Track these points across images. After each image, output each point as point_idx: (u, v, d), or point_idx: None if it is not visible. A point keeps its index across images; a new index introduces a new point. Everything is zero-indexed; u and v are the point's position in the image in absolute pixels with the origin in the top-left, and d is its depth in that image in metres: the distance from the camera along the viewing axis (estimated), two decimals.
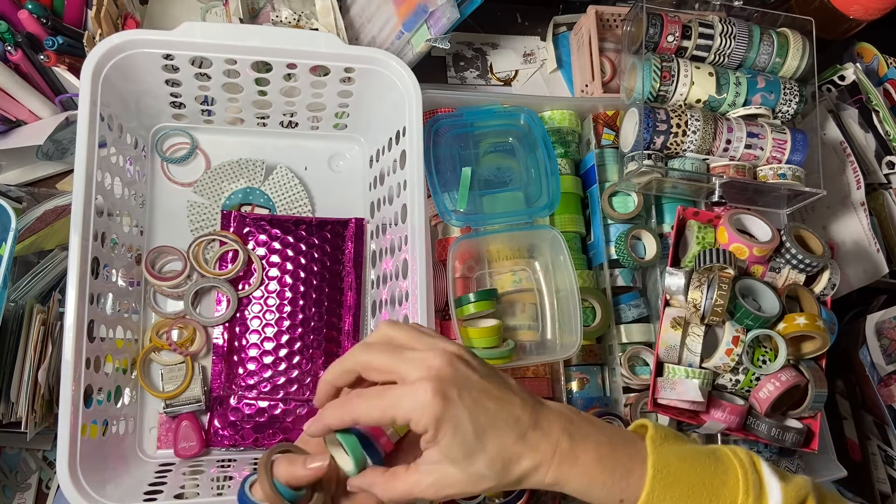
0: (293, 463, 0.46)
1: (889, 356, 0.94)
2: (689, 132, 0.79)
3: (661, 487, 0.46)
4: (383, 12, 0.83)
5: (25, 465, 0.76)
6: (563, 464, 0.45)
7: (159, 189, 0.83)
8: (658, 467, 0.46)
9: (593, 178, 0.86)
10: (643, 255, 0.84)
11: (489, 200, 0.82)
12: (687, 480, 0.46)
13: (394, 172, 0.78)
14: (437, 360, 0.45)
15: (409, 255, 0.71)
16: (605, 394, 0.83)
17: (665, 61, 0.82)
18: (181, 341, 0.77)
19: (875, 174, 0.96)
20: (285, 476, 0.46)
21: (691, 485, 0.46)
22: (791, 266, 0.77)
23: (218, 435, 0.76)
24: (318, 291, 0.81)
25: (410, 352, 0.46)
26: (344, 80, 0.76)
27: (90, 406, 0.64)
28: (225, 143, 0.85)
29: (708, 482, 0.47)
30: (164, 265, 0.80)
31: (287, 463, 0.46)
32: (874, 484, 0.98)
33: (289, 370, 0.79)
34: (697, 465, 0.47)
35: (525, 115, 0.85)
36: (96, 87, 0.67)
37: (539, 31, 1.03)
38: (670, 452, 0.47)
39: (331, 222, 0.84)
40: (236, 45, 0.70)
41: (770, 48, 0.84)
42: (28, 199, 0.78)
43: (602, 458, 0.46)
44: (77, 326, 0.62)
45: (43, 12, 0.73)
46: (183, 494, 0.64)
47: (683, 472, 0.47)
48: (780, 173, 0.80)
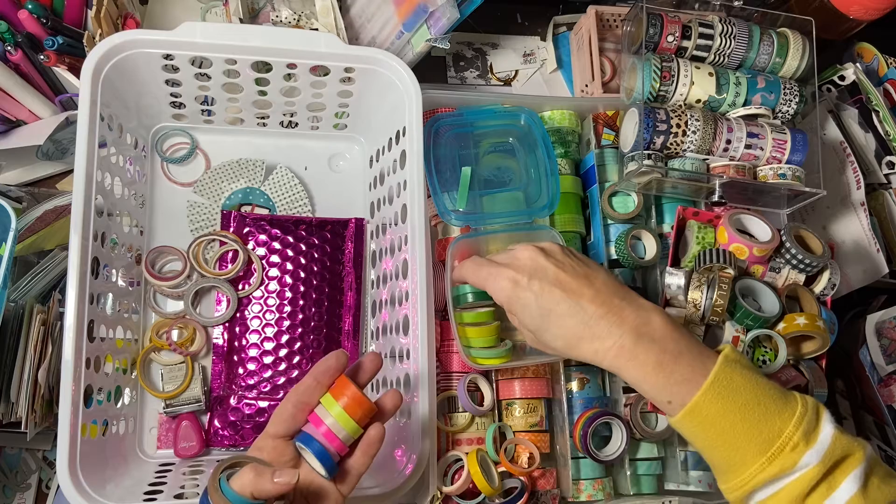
0: (261, 475, 0.45)
1: (889, 356, 0.94)
2: (689, 132, 0.79)
3: (713, 394, 0.50)
4: (383, 12, 0.83)
5: (25, 465, 0.76)
6: (621, 357, 0.53)
7: (159, 189, 0.83)
8: (719, 377, 0.51)
9: (593, 178, 0.86)
10: (643, 255, 0.84)
11: (489, 200, 0.82)
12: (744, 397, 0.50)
13: (394, 172, 0.78)
14: (522, 253, 0.58)
15: (409, 255, 0.71)
16: (606, 394, 0.83)
17: (665, 61, 0.82)
18: (181, 341, 0.77)
19: (875, 174, 0.96)
20: (251, 487, 0.45)
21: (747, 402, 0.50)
22: (791, 266, 0.77)
23: (218, 435, 0.76)
24: (318, 291, 0.81)
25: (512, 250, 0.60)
26: (344, 80, 0.76)
27: (90, 406, 0.64)
28: (225, 143, 0.85)
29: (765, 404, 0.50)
30: (164, 265, 0.80)
31: (255, 474, 0.45)
32: None
33: (289, 370, 0.79)
34: (762, 389, 0.51)
35: (525, 115, 0.85)
36: (96, 87, 0.67)
37: (539, 31, 1.03)
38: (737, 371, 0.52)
39: (331, 222, 0.84)
40: (236, 45, 0.70)
41: (770, 48, 0.84)
42: (28, 199, 0.78)
43: (662, 363, 0.52)
44: (77, 326, 0.62)
45: (43, 12, 0.73)
46: (183, 494, 0.64)
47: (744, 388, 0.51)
48: (780, 173, 0.80)
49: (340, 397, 0.51)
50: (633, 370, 0.53)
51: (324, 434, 0.51)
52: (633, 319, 0.54)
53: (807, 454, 0.49)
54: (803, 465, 0.49)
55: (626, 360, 0.53)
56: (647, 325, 0.54)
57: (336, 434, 0.51)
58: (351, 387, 0.51)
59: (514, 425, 0.79)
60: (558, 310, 0.55)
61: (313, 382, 0.52)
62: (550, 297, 0.55)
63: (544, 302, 0.55)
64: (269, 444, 0.52)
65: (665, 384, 0.52)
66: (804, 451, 0.49)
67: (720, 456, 0.52)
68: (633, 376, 0.53)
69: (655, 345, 0.53)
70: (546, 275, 0.56)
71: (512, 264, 0.58)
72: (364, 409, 0.51)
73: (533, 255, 0.57)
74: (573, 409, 0.80)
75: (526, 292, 0.56)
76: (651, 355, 0.52)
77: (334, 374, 0.52)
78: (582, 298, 0.55)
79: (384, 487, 0.64)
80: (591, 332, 0.54)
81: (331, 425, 0.51)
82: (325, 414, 0.51)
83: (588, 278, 0.56)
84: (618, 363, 0.53)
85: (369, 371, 0.54)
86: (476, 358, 0.75)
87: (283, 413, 0.52)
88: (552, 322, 0.55)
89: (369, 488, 0.64)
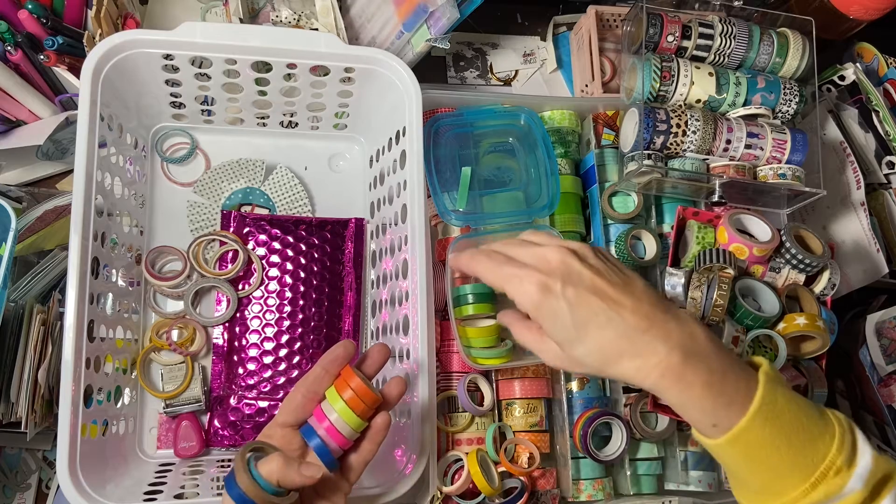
0: (289, 465, 0.48)
1: (889, 356, 0.94)
2: (689, 132, 0.79)
3: (761, 418, 0.47)
4: (383, 12, 0.83)
5: (25, 465, 0.76)
6: (667, 377, 0.47)
7: (159, 189, 0.83)
8: (766, 400, 0.47)
9: (593, 178, 0.86)
10: (643, 255, 0.84)
11: (489, 200, 0.82)
12: (788, 420, 0.48)
13: (394, 172, 0.78)
14: (552, 254, 0.50)
15: (409, 255, 0.71)
16: (605, 394, 0.83)
17: (665, 61, 0.82)
18: (181, 341, 0.77)
19: (875, 174, 0.96)
20: (277, 475, 0.47)
21: (791, 425, 0.47)
22: (791, 266, 0.77)
23: (218, 435, 0.76)
24: (318, 291, 0.81)
25: (539, 247, 0.51)
26: (344, 80, 0.76)
27: (90, 406, 0.64)
28: (225, 143, 0.85)
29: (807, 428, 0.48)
30: (164, 265, 0.80)
31: (283, 463, 0.48)
32: None
33: (289, 370, 0.79)
34: (802, 410, 0.49)
35: (525, 115, 0.85)
36: (96, 87, 0.67)
37: (539, 31, 1.03)
38: (780, 391, 0.49)
39: (331, 222, 0.84)
40: (236, 45, 0.70)
41: (770, 48, 0.84)
42: (28, 199, 0.78)
43: (711, 384, 0.47)
44: (77, 326, 0.62)
45: (43, 12, 0.73)
46: (183, 494, 0.64)
47: (787, 411, 0.48)
48: (780, 173, 0.80)
49: (345, 390, 0.51)
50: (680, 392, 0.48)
51: (326, 429, 0.51)
52: (679, 334, 0.48)
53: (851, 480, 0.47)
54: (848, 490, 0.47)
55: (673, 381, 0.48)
56: (692, 341, 0.49)
57: (339, 430, 0.51)
58: (356, 379, 0.52)
59: (514, 425, 0.79)
60: (597, 321, 0.48)
61: (322, 372, 0.53)
62: (588, 306, 0.49)
63: (580, 312, 0.49)
64: (277, 433, 0.53)
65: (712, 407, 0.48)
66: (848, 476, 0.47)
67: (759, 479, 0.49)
68: (678, 398, 0.48)
69: (703, 363, 0.48)
70: (581, 281, 0.49)
71: (540, 266, 0.50)
72: (369, 401, 0.52)
73: (565, 257, 0.50)
74: (573, 408, 0.80)
75: (559, 300, 0.49)
76: (700, 375, 0.47)
77: (342, 363, 0.53)
78: (623, 309, 0.49)
79: (384, 487, 0.64)
80: (634, 348, 0.48)
81: (334, 421, 0.51)
82: (329, 409, 0.52)
83: (627, 286, 0.50)
84: (663, 384, 0.48)
85: (377, 362, 0.55)
86: (476, 358, 0.75)
87: (292, 402, 0.53)
88: (589, 334, 0.49)
89: (369, 488, 0.64)
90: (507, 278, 0.50)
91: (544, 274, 0.49)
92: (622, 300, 0.49)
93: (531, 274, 0.49)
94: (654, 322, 0.48)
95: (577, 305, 0.48)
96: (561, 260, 0.50)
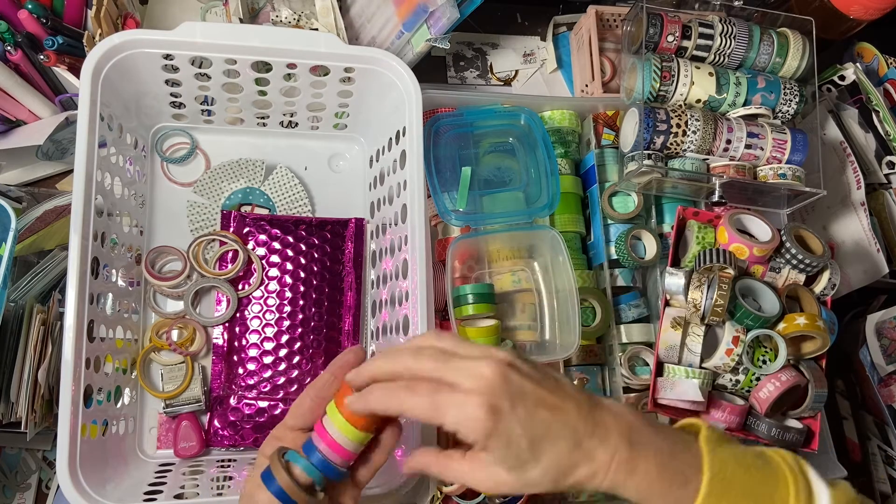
0: None
1: (889, 356, 0.94)
2: (689, 132, 0.79)
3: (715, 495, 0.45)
4: (383, 12, 0.83)
5: (25, 465, 0.76)
6: (621, 472, 0.45)
7: (159, 189, 0.83)
8: (714, 471, 0.45)
9: (593, 178, 0.86)
10: (643, 255, 0.84)
11: (489, 200, 0.82)
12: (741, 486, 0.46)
13: (394, 172, 0.78)
14: (488, 370, 0.44)
15: (409, 255, 0.71)
16: (606, 394, 0.83)
17: (665, 61, 0.82)
18: (181, 341, 0.77)
19: (875, 174, 0.96)
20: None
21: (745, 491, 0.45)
22: (791, 266, 0.77)
23: (218, 435, 0.76)
24: (318, 291, 0.81)
25: (461, 360, 0.45)
26: (344, 80, 0.76)
27: (90, 406, 0.64)
28: (225, 143, 0.85)
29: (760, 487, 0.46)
30: (164, 265, 0.80)
31: None
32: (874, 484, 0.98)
33: (289, 370, 0.79)
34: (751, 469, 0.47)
35: (525, 115, 0.85)
36: (96, 87, 0.67)
37: (539, 31, 1.03)
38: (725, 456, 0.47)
39: (331, 222, 0.84)
40: (236, 45, 0.70)
41: (770, 48, 0.84)
42: (28, 199, 0.78)
43: (663, 466, 0.45)
44: (77, 326, 0.62)
45: (43, 12, 0.73)
46: (183, 494, 0.64)
47: (738, 477, 0.46)
48: (780, 173, 0.80)
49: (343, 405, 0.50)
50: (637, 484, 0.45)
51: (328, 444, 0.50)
52: (618, 426, 0.45)
53: None
54: None
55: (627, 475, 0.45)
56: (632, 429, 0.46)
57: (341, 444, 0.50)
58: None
59: None
60: (549, 436, 0.44)
61: (331, 377, 0.52)
62: (539, 422, 0.44)
63: (533, 430, 0.44)
64: (288, 435, 0.53)
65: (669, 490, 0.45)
66: None
67: None
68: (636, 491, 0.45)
69: (649, 448, 0.45)
70: (525, 395, 0.44)
71: (478, 386, 0.43)
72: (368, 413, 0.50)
73: (502, 371, 0.44)
74: None
75: (511, 422, 0.43)
76: (651, 461, 0.45)
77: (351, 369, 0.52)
78: (568, 416, 0.45)
79: (384, 487, 0.64)
80: (586, 455, 0.44)
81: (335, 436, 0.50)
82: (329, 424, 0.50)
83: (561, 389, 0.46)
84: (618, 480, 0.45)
85: None
86: None
87: (301, 406, 0.53)
88: (544, 453, 0.44)
89: (369, 488, 0.64)
90: (443, 407, 0.43)
91: (487, 394, 0.43)
92: (565, 406, 0.45)
93: (472, 397, 0.43)
94: (597, 421, 0.45)
95: (528, 424, 0.44)
96: (499, 374, 0.44)
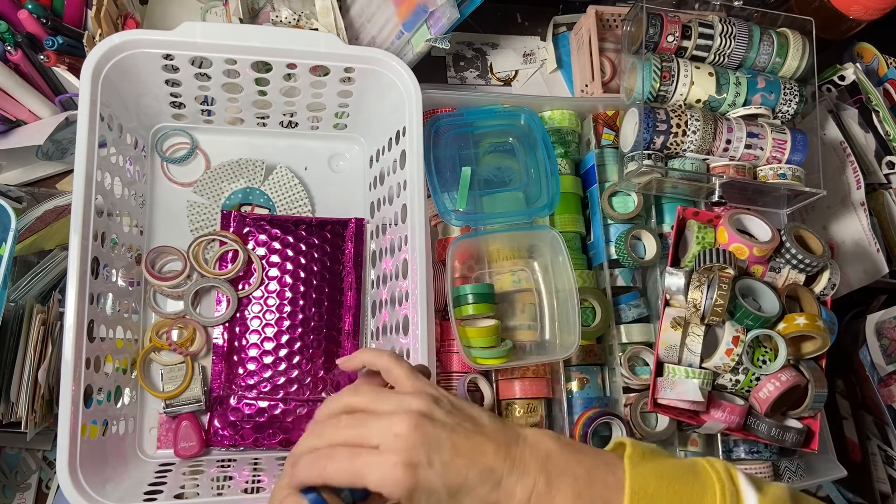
0: None
1: (889, 356, 0.94)
2: (689, 132, 0.79)
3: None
4: (383, 12, 0.83)
5: (25, 465, 0.76)
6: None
7: (159, 189, 0.83)
8: (635, 489, 0.45)
9: (593, 178, 0.86)
10: (643, 255, 0.84)
11: (489, 200, 0.82)
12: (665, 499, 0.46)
13: (394, 172, 0.78)
14: (402, 426, 0.44)
15: (409, 255, 0.71)
16: (605, 394, 0.83)
17: (665, 61, 0.82)
18: (181, 341, 0.77)
19: (875, 174, 0.96)
20: None
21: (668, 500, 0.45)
22: (791, 266, 0.77)
23: (218, 435, 0.76)
24: (318, 291, 0.81)
25: (377, 419, 0.45)
26: (344, 80, 0.76)
27: (90, 406, 0.64)
28: (225, 143, 0.85)
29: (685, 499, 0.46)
30: (164, 265, 0.80)
31: None
32: (874, 484, 0.98)
33: (289, 370, 0.79)
34: (675, 482, 0.47)
35: (525, 115, 0.85)
36: (96, 87, 0.67)
37: (539, 31, 1.03)
38: (648, 472, 0.47)
39: (331, 222, 0.84)
40: (236, 45, 0.70)
41: (770, 48, 0.84)
42: (28, 199, 0.78)
43: (580, 494, 0.45)
44: (77, 326, 0.62)
45: (43, 12, 0.73)
46: (183, 494, 0.64)
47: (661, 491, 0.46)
48: (780, 173, 0.80)
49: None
50: None
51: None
52: (535, 458, 0.46)
53: None
54: None
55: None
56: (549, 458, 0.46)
57: None
58: None
59: None
60: (468, 483, 0.44)
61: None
62: (457, 471, 0.44)
63: (452, 480, 0.44)
64: None
65: None
66: None
67: None
68: None
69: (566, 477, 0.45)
70: (442, 445, 0.44)
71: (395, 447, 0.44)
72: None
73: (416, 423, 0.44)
74: (573, 409, 0.80)
75: (428, 475, 0.43)
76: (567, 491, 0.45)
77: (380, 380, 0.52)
78: (486, 458, 0.45)
79: None
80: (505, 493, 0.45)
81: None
82: None
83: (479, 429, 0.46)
84: None
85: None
86: (476, 358, 0.75)
87: None
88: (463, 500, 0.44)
89: None
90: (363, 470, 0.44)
91: (403, 451, 0.43)
92: (483, 448, 0.45)
93: (388, 457, 0.43)
94: (514, 458, 0.46)
95: (446, 475, 0.44)
96: (413, 427, 0.44)
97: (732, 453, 0.81)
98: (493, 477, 0.45)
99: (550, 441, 0.47)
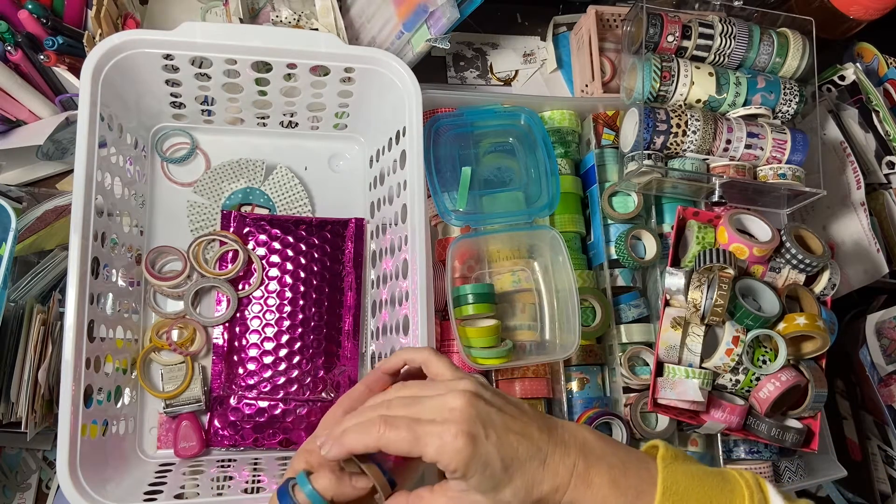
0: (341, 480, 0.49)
1: (889, 356, 0.94)
2: (689, 132, 0.79)
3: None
4: (383, 12, 0.83)
5: (25, 465, 0.76)
6: (579, 486, 0.47)
7: (159, 189, 0.83)
8: (667, 484, 0.47)
9: (593, 178, 0.86)
10: (643, 255, 0.84)
11: (489, 200, 0.82)
12: (695, 498, 0.47)
13: (394, 172, 0.78)
14: (457, 402, 0.47)
15: (409, 255, 0.71)
16: (605, 394, 0.83)
17: (665, 61, 0.82)
18: (181, 341, 0.77)
19: (875, 174, 0.96)
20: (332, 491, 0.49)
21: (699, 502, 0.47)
22: (791, 266, 0.77)
23: (218, 435, 0.76)
24: (318, 291, 0.81)
25: (429, 399, 0.48)
26: (344, 80, 0.76)
27: (90, 406, 0.64)
28: (225, 143, 0.85)
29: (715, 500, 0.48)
30: (164, 265, 0.80)
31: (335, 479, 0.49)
32: (874, 484, 0.98)
33: (289, 370, 0.79)
34: (706, 483, 0.48)
35: (525, 115, 0.85)
36: (96, 87, 0.67)
37: (539, 31, 1.03)
38: (680, 471, 0.49)
39: (331, 222, 0.84)
40: (236, 45, 0.70)
41: (770, 48, 0.84)
42: (28, 199, 0.78)
43: (615, 480, 0.47)
44: (77, 326, 0.62)
45: (43, 12, 0.73)
46: (183, 494, 0.64)
47: (692, 490, 0.48)
48: (780, 173, 0.80)
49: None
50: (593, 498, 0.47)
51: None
52: (575, 442, 0.48)
53: None
54: None
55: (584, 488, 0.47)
56: (587, 445, 0.49)
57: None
58: None
59: None
60: (519, 457, 0.47)
61: (365, 389, 0.53)
62: (509, 445, 0.46)
63: (506, 453, 0.46)
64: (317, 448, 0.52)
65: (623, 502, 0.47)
66: None
67: None
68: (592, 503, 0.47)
69: (602, 463, 0.48)
70: (494, 421, 0.47)
71: (453, 417, 0.46)
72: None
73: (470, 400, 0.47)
74: (573, 409, 0.80)
75: (487, 447, 0.46)
76: (604, 475, 0.47)
77: (386, 382, 0.53)
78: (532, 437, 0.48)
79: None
80: (550, 471, 0.47)
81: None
82: None
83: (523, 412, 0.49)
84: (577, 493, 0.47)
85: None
86: (476, 358, 0.75)
87: (333, 418, 0.53)
88: (516, 473, 0.46)
89: None
90: (423, 438, 0.45)
91: (461, 423, 0.45)
92: (529, 429, 0.48)
93: (449, 427, 0.45)
94: (557, 440, 0.48)
95: (501, 447, 0.46)
96: (469, 404, 0.47)
97: (732, 453, 0.81)
98: (539, 455, 0.47)
99: (586, 431, 0.50)
